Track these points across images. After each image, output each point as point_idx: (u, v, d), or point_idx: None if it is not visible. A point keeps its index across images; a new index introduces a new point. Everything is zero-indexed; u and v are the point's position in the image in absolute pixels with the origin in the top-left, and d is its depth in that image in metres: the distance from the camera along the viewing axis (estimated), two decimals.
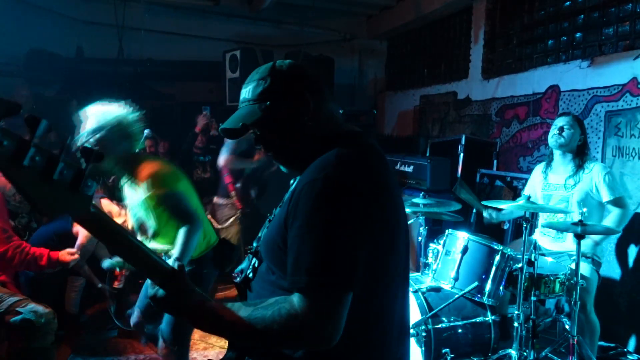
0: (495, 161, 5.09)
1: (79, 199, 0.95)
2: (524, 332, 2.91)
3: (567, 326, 2.98)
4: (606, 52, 4.11)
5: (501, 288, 2.96)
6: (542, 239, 3.41)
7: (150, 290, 1.16)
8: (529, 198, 2.97)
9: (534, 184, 3.54)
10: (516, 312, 2.86)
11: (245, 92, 1.27)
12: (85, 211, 0.99)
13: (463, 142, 4.92)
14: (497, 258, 2.94)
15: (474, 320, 3.12)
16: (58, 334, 3.61)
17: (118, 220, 3.58)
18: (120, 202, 3.70)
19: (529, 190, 3.57)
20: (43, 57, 5.88)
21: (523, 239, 2.89)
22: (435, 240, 3.34)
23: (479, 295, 2.93)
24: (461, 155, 4.90)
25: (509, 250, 2.98)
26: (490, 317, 3.12)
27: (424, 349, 2.96)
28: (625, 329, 3.70)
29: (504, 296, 3.16)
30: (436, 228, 4.20)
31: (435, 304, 3.04)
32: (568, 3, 4.55)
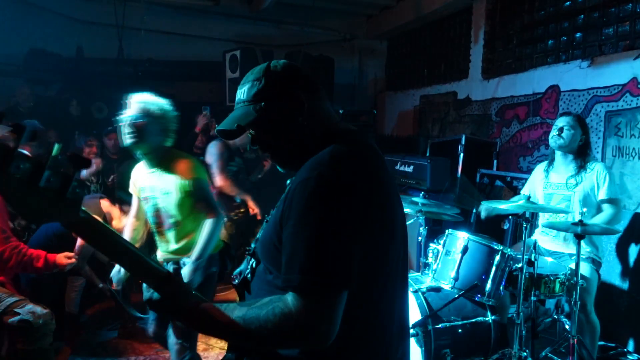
0: (495, 161, 5.09)
1: (67, 205, 0.95)
2: (524, 332, 2.91)
3: (567, 326, 2.98)
4: (606, 52, 4.11)
5: (501, 288, 2.95)
6: (542, 238, 3.41)
7: (146, 294, 1.16)
8: (529, 198, 2.97)
9: (535, 183, 3.54)
10: (516, 312, 2.86)
11: (240, 93, 1.28)
12: (74, 217, 0.99)
13: (463, 142, 4.92)
14: (497, 258, 2.94)
15: (474, 320, 3.11)
16: (58, 334, 3.63)
17: (119, 222, 3.58)
18: (121, 204, 3.70)
19: (528, 189, 3.57)
20: (43, 57, 5.89)
21: (523, 239, 2.89)
22: (435, 240, 3.34)
23: (479, 295, 2.93)
24: (461, 155, 4.90)
25: (509, 250, 2.97)
26: (490, 317, 3.12)
27: (424, 349, 2.96)
28: (625, 329, 3.70)
29: (504, 300, 3.17)
30: (436, 228, 4.20)
31: (435, 304, 3.04)
32: (568, 3, 4.55)
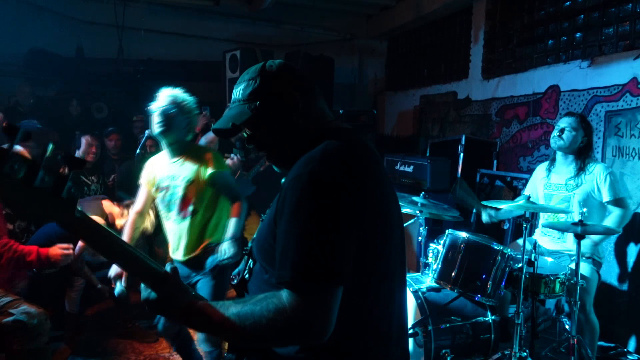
0: (495, 161, 5.09)
1: (62, 205, 0.96)
2: (524, 332, 2.91)
3: (567, 326, 2.98)
4: (606, 52, 4.11)
5: (501, 288, 2.96)
6: (542, 238, 3.41)
7: (144, 293, 1.16)
8: (528, 198, 2.97)
9: (535, 183, 3.54)
10: (516, 312, 2.86)
11: (236, 93, 1.29)
12: (69, 217, 0.99)
13: (463, 142, 4.92)
14: (497, 258, 2.94)
15: (474, 320, 3.12)
16: (58, 334, 3.63)
17: (120, 221, 3.58)
18: (121, 203, 3.70)
19: (529, 190, 3.57)
20: (43, 57, 5.89)
21: (523, 239, 2.89)
22: (435, 240, 3.34)
23: (479, 295, 2.93)
24: (461, 155, 4.90)
25: (509, 250, 2.98)
26: (490, 317, 3.12)
27: (424, 349, 2.96)
28: (625, 329, 3.70)
29: (504, 297, 3.17)
30: (436, 228, 4.21)
31: (435, 304, 3.04)
32: (568, 3, 4.55)
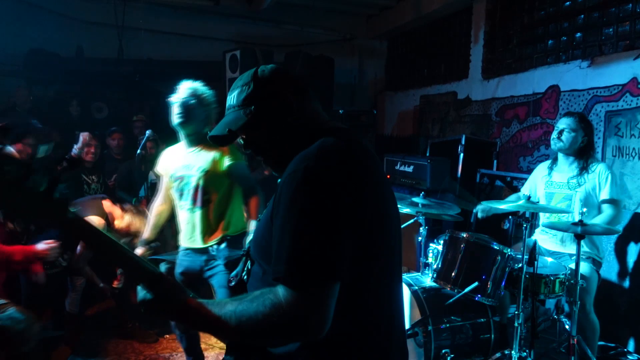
0: (495, 161, 5.09)
1: (54, 205, 0.97)
2: (524, 332, 2.91)
3: (567, 326, 2.97)
4: (606, 52, 4.11)
5: (501, 288, 2.96)
6: (542, 238, 3.41)
7: (140, 294, 1.16)
8: (529, 198, 2.97)
9: (536, 182, 3.53)
10: (516, 312, 2.86)
11: (230, 99, 1.30)
12: (62, 216, 1.00)
13: (463, 142, 4.92)
14: (497, 258, 2.94)
15: (474, 320, 3.12)
16: (58, 334, 3.63)
17: (120, 221, 3.58)
18: (123, 205, 3.70)
19: (528, 188, 3.56)
20: (43, 57, 5.89)
21: (523, 238, 2.89)
22: (435, 240, 3.34)
23: (479, 295, 2.93)
24: (461, 155, 4.90)
25: (509, 250, 2.98)
26: (490, 317, 3.12)
27: (424, 349, 2.96)
28: (625, 329, 3.70)
29: (504, 300, 3.17)
30: (436, 228, 4.20)
31: (435, 304, 3.04)
32: (568, 3, 4.55)
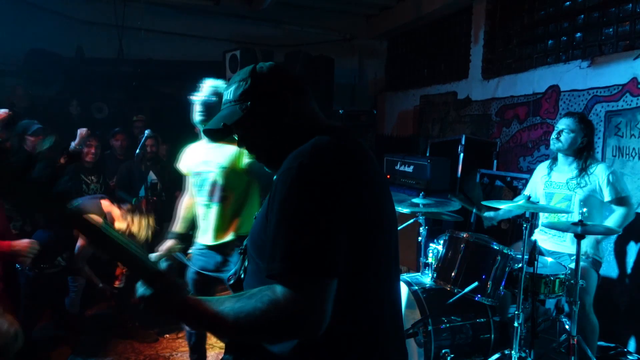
0: (495, 161, 5.09)
1: (56, 197, 0.97)
2: (524, 332, 2.91)
3: (567, 326, 2.98)
4: (606, 52, 4.11)
5: (501, 288, 2.96)
6: (542, 236, 3.41)
7: (140, 290, 1.15)
8: (528, 198, 2.97)
9: (536, 182, 3.54)
10: (516, 312, 2.86)
11: (227, 94, 1.30)
12: (63, 209, 1.00)
13: (463, 142, 4.92)
14: (497, 258, 2.94)
15: (474, 320, 3.12)
16: (58, 334, 3.63)
17: (120, 221, 3.58)
18: (121, 203, 3.70)
19: (529, 189, 3.57)
20: (43, 57, 5.89)
21: (523, 238, 2.89)
22: (435, 240, 3.34)
23: (479, 295, 2.93)
24: (461, 155, 4.90)
25: (509, 250, 2.97)
26: (490, 317, 3.12)
27: (424, 349, 2.96)
28: (625, 329, 3.70)
29: (504, 300, 3.16)
30: (436, 228, 4.20)
31: (435, 304, 3.04)
32: (568, 3, 4.55)
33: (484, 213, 3.51)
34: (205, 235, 2.77)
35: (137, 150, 4.37)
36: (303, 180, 1.07)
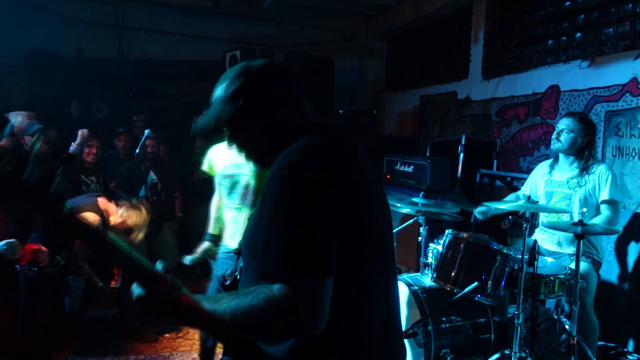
0: (495, 161, 5.09)
1: (50, 200, 0.96)
2: (524, 332, 2.91)
3: (567, 326, 2.98)
4: (606, 52, 4.11)
5: (501, 288, 2.96)
6: (542, 237, 3.41)
7: (135, 291, 1.14)
8: (529, 198, 2.97)
9: (536, 181, 3.53)
10: (516, 312, 2.86)
11: (218, 91, 1.28)
12: (57, 211, 0.99)
13: (463, 142, 4.92)
14: (497, 258, 2.94)
15: (474, 320, 3.12)
16: (58, 334, 3.63)
17: (116, 217, 3.57)
18: (118, 201, 3.69)
19: (528, 187, 3.56)
20: (43, 57, 5.89)
21: (523, 238, 2.89)
22: (435, 240, 3.34)
23: (479, 295, 2.93)
24: (461, 155, 4.90)
25: (509, 250, 2.97)
26: (490, 317, 3.12)
27: (424, 349, 2.96)
28: (625, 329, 3.70)
29: (504, 300, 3.16)
30: (436, 228, 4.20)
31: (435, 304, 3.04)
32: (568, 3, 4.55)
33: (476, 209, 3.50)
34: (233, 239, 2.70)
35: (137, 150, 4.37)
36: (294, 179, 1.06)
